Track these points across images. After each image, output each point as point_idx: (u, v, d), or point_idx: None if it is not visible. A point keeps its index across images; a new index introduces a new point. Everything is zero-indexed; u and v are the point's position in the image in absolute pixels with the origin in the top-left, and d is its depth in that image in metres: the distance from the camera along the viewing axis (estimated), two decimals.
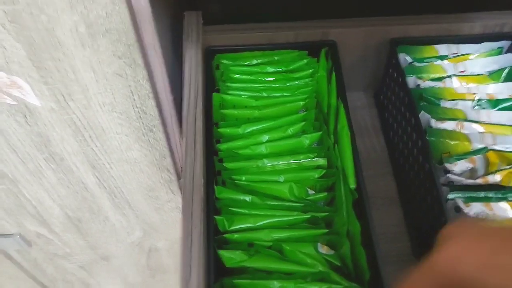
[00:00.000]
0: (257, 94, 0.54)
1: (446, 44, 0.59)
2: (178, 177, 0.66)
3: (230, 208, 0.46)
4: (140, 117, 0.51)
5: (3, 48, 0.41)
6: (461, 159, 0.50)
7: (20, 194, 0.63)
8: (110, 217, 0.71)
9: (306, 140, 0.50)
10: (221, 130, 0.51)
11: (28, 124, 0.51)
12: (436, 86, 0.56)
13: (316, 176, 0.48)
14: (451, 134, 0.52)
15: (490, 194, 0.49)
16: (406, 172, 0.56)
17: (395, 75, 0.58)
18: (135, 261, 0.87)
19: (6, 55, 0.42)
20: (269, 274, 0.43)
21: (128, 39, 0.42)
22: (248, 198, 0.47)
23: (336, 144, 0.49)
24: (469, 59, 0.58)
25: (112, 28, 0.41)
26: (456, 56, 0.58)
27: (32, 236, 0.73)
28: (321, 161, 0.49)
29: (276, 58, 0.57)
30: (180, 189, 0.68)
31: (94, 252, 0.81)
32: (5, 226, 0.70)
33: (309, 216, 0.45)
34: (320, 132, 0.51)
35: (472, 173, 0.51)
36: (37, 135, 0.52)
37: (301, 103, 0.53)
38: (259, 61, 0.57)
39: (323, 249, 0.45)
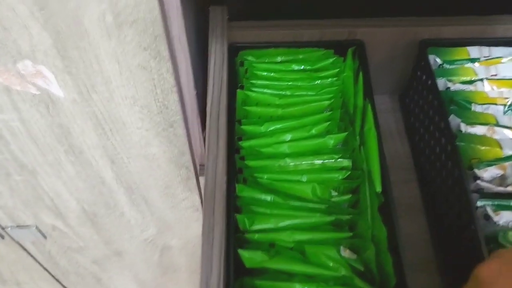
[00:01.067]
0: (281, 92, 0.53)
1: (477, 47, 0.57)
2: (196, 175, 0.65)
3: (251, 207, 0.45)
4: (162, 111, 0.51)
5: (30, 35, 0.41)
6: (492, 165, 0.48)
7: (38, 186, 0.62)
8: (126, 213, 0.70)
9: (331, 140, 0.49)
10: (243, 127, 0.50)
11: (50, 115, 0.50)
12: (466, 89, 0.54)
13: (340, 177, 0.47)
14: (482, 139, 0.50)
15: None
16: (432, 178, 0.54)
17: (424, 77, 0.56)
18: (147, 258, 0.86)
19: (33, 42, 0.41)
20: (290, 277, 0.41)
21: (155, 30, 0.41)
22: (269, 197, 0.46)
23: (362, 146, 0.48)
24: (501, 63, 0.56)
25: (139, 18, 0.40)
26: (488, 59, 0.57)
27: (48, 228, 0.73)
28: (346, 162, 0.48)
29: (301, 56, 0.56)
30: (197, 187, 0.67)
31: (107, 247, 0.81)
32: (22, 217, 0.70)
33: (332, 218, 0.44)
34: (345, 133, 0.49)
35: (502, 180, 0.49)
36: (58, 126, 0.52)
37: (326, 102, 0.51)
38: (283, 58, 0.56)
39: (346, 253, 0.43)
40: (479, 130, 0.50)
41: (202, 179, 0.66)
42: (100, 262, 0.87)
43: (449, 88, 0.54)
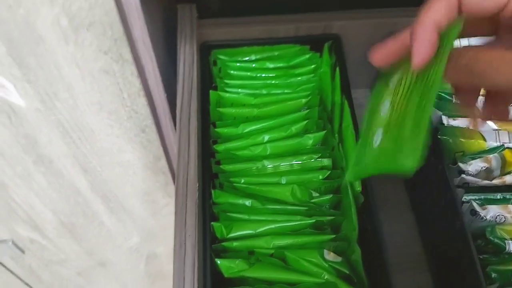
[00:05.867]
0: (256, 91, 0.51)
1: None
2: (175, 180, 0.63)
3: (228, 214, 0.43)
4: (131, 116, 0.48)
5: None
6: (476, 158, 0.47)
7: (9, 199, 0.60)
8: (106, 222, 0.68)
9: (309, 139, 0.47)
10: (218, 130, 0.48)
11: (13, 125, 0.48)
12: None
13: (321, 177, 0.45)
14: (465, 131, 0.48)
15: (508, 196, 0.45)
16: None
17: None
18: (133, 267, 0.84)
19: None
20: (271, 285, 0.39)
21: (114, 33, 0.39)
22: (247, 202, 0.43)
23: (340, 144, 0.46)
24: None
25: (96, 21, 0.38)
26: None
27: (25, 242, 0.70)
28: (326, 162, 0.46)
29: (276, 53, 0.54)
30: None
31: (90, 258, 0.78)
32: None
33: (313, 220, 0.42)
34: (324, 131, 0.47)
35: (487, 173, 0.48)
36: (24, 136, 0.49)
37: (303, 100, 0.49)
38: (258, 56, 0.53)
39: (330, 256, 0.41)
40: (461, 122, 0.49)
41: None
42: (84, 273, 0.84)
43: None
